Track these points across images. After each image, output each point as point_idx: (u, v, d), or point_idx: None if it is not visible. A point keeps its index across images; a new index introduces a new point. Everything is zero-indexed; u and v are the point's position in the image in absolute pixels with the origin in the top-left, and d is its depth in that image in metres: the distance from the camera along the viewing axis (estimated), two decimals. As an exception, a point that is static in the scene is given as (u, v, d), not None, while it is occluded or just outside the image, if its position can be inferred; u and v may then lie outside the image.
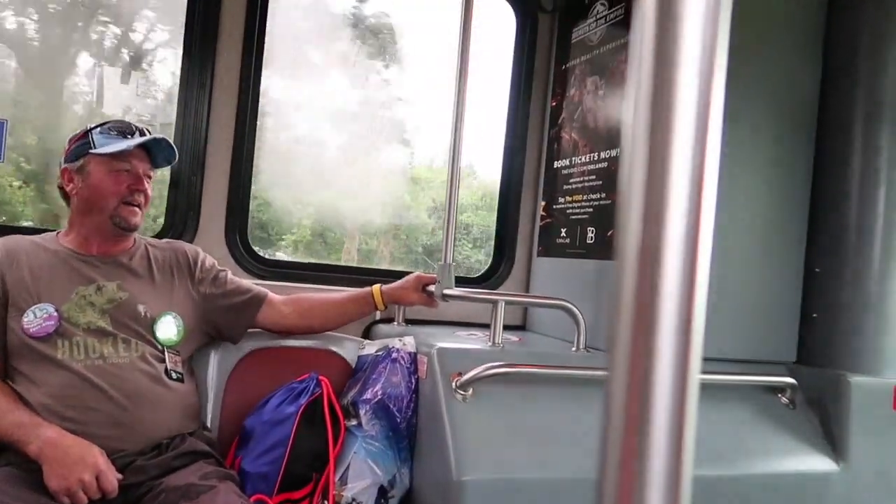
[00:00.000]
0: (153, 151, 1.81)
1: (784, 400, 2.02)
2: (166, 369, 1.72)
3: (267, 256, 2.37)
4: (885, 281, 2.02)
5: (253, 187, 2.33)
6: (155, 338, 1.75)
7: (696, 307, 0.31)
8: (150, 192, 1.82)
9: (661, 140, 0.31)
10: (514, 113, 2.61)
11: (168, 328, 1.77)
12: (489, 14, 2.56)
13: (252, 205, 2.36)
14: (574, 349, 1.95)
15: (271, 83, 2.30)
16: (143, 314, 1.74)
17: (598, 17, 2.25)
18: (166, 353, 1.75)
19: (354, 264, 2.68)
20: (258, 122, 2.29)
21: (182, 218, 2.19)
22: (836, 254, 2.08)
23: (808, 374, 2.05)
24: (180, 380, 1.75)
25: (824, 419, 1.99)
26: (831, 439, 1.96)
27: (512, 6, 2.60)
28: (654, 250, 0.30)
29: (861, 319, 2.02)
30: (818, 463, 1.92)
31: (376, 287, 2.09)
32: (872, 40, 2.06)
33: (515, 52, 2.61)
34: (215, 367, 2.00)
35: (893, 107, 2.04)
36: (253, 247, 2.31)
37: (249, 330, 2.00)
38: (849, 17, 2.10)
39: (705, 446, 1.85)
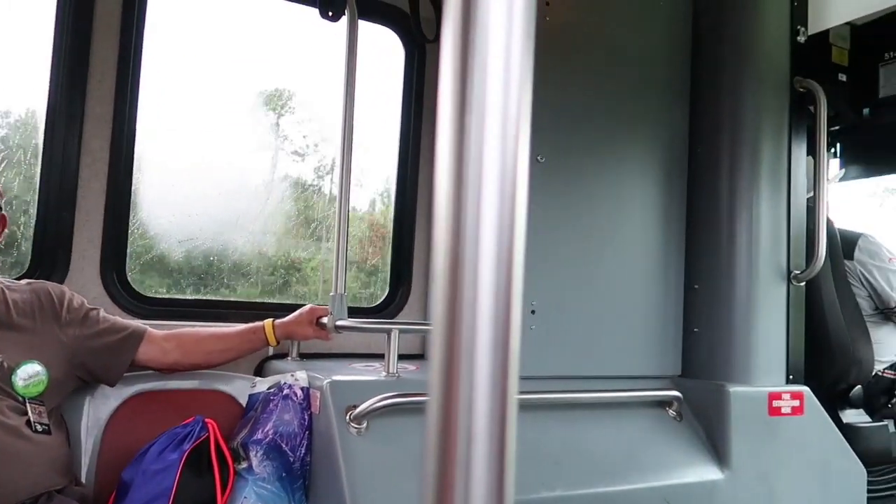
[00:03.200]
0: None
1: (671, 412, 2.10)
2: (28, 421, 1.58)
3: (149, 295, 2.24)
4: (753, 294, 2.15)
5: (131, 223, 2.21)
6: (14, 389, 1.60)
7: (511, 326, 0.30)
8: None
9: (469, 156, 0.30)
10: (406, 143, 2.62)
11: (28, 378, 1.63)
12: (377, 46, 2.57)
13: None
14: (470, 375, 1.95)
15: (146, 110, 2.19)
16: None
17: (482, 48, 2.31)
18: (28, 404, 1.60)
19: (245, 298, 2.58)
20: (135, 152, 2.18)
21: (50, 257, 2.03)
22: (710, 271, 2.21)
23: (691, 387, 2.15)
24: (46, 432, 1.61)
25: (708, 429, 2.09)
26: (715, 447, 2.05)
27: (399, 37, 2.62)
28: (468, 269, 0.30)
29: (735, 332, 2.15)
30: (705, 472, 2.00)
31: (268, 322, 2.01)
32: (731, 77, 2.24)
33: (405, 82, 2.63)
34: (90, 414, 1.86)
35: (752, 134, 2.20)
36: (132, 284, 2.18)
37: (128, 373, 1.87)
38: (709, 56, 2.28)
39: (598, 463, 1.90)
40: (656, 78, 2.25)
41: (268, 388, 1.91)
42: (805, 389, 2.18)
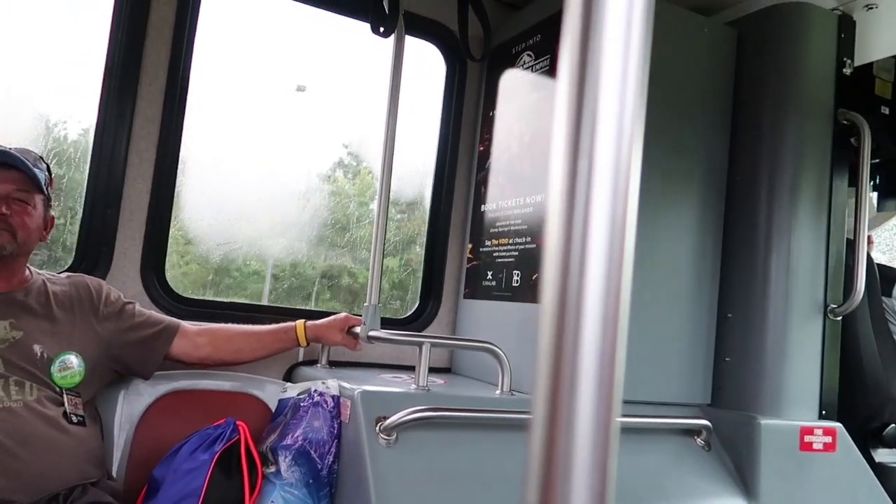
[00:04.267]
0: (26, 171, 1.65)
1: (699, 442, 2.07)
2: (65, 412, 1.61)
3: (186, 295, 2.28)
4: (788, 326, 2.13)
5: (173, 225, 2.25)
6: (52, 380, 1.63)
7: (617, 354, 0.31)
8: (24, 215, 1.66)
9: (582, 191, 0.31)
10: (443, 157, 2.64)
11: (67, 369, 1.66)
12: (420, 61, 2.60)
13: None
14: (499, 392, 1.95)
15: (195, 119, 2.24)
16: (38, 355, 1.63)
17: (524, 66, 2.33)
18: (65, 395, 1.64)
19: (279, 304, 2.60)
20: (180, 154, 2.22)
21: (94, 253, 2.08)
22: (745, 300, 2.19)
23: (721, 417, 2.12)
24: (81, 423, 1.64)
25: (737, 460, 2.06)
26: (744, 480, 2.02)
27: (442, 54, 2.65)
28: (575, 298, 0.31)
29: (768, 363, 2.12)
30: (731, 503, 1.97)
31: (300, 322, 2.05)
32: (773, 109, 2.23)
33: (445, 97, 2.66)
34: (123, 410, 1.89)
35: (793, 166, 2.19)
36: (170, 285, 2.22)
37: (161, 371, 1.91)
38: (752, 90, 2.27)
39: (624, 489, 1.88)
40: (698, 106, 2.25)
41: (298, 394, 1.93)
42: (838, 426, 2.14)
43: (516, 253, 2.24)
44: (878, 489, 2.20)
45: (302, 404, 1.87)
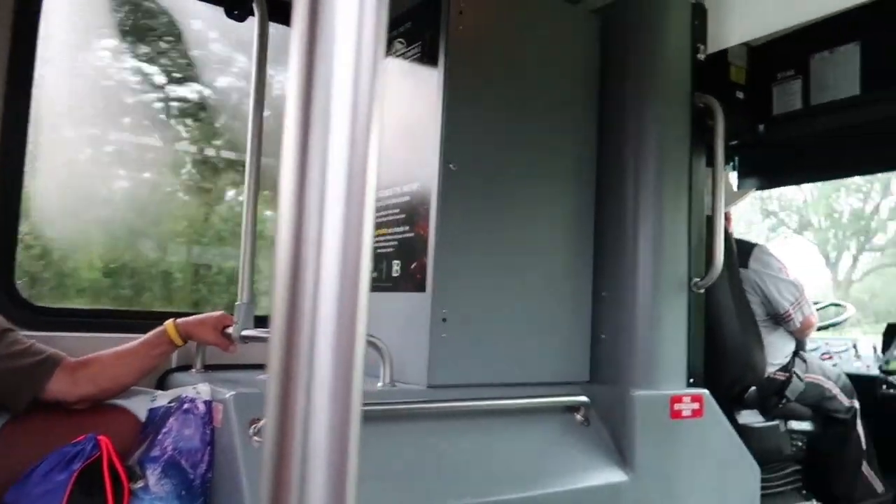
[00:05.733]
0: None
1: (579, 418, 2.14)
2: None
3: (39, 304, 2.10)
4: (656, 301, 2.23)
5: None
6: None
7: (356, 344, 0.29)
8: None
9: (316, 184, 0.29)
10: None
11: None
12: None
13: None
14: (380, 384, 1.93)
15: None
16: None
17: (397, 53, 2.30)
18: None
19: (148, 308, 2.46)
20: (26, 148, 2.04)
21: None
22: (617, 278, 2.28)
23: (599, 392, 2.20)
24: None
25: (614, 432, 2.14)
26: (621, 451, 2.11)
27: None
28: (309, 276, 0.29)
29: (639, 337, 2.22)
30: (610, 475, 2.05)
31: (170, 322, 1.94)
32: (636, 93, 2.32)
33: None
34: (-31, 435, 1.72)
35: (656, 148, 2.29)
36: (20, 292, 2.04)
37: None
38: (617, 75, 2.35)
39: (508, 469, 1.91)
40: (567, 89, 2.31)
41: (168, 402, 1.83)
42: (704, 392, 2.28)
43: (395, 242, 2.22)
44: (742, 448, 2.37)
45: (172, 413, 1.77)
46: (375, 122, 0.30)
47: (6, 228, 1.97)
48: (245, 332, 1.86)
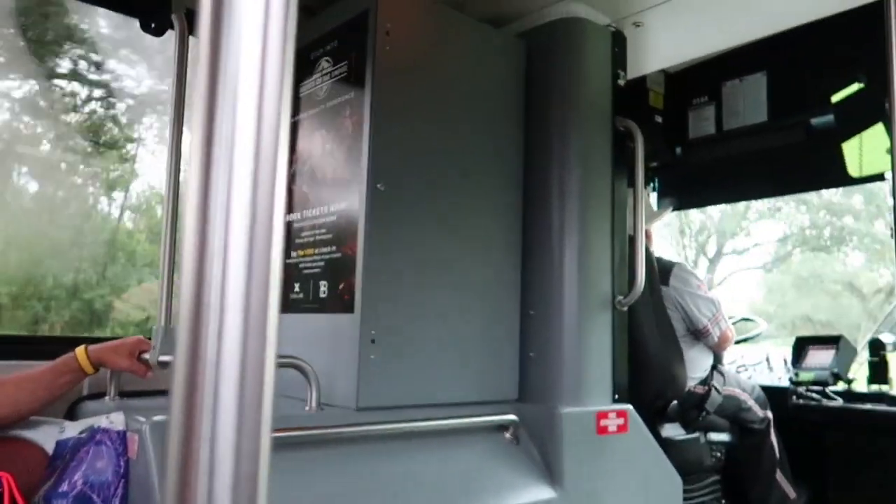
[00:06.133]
0: None
1: (508, 436, 2.15)
2: None
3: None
4: (581, 319, 2.28)
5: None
6: None
7: (266, 359, 0.28)
8: None
9: (220, 198, 0.28)
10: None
11: None
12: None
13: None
14: (307, 408, 1.89)
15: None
16: None
17: (323, 72, 2.29)
18: None
19: (53, 335, 2.31)
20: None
21: None
22: (544, 297, 2.31)
23: (528, 410, 2.22)
24: None
25: (542, 450, 2.16)
26: (549, 468, 2.13)
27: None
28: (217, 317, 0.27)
29: (566, 356, 2.26)
30: (539, 492, 2.07)
31: (80, 349, 1.84)
32: (560, 117, 2.38)
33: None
34: None
35: (580, 169, 2.35)
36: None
37: None
38: (541, 98, 2.41)
39: (437, 490, 1.90)
40: (493, 111, 2.34)
41: (79, 433, 1.72)
42: (629, 407, 2.33)
43: (322, 263, 2.19)
44: (665, 461, 2.43)
45: (83, 445, 1.67)
46: (283, 137, 0.29)
47: None
48: (163, 358, 1.78)
